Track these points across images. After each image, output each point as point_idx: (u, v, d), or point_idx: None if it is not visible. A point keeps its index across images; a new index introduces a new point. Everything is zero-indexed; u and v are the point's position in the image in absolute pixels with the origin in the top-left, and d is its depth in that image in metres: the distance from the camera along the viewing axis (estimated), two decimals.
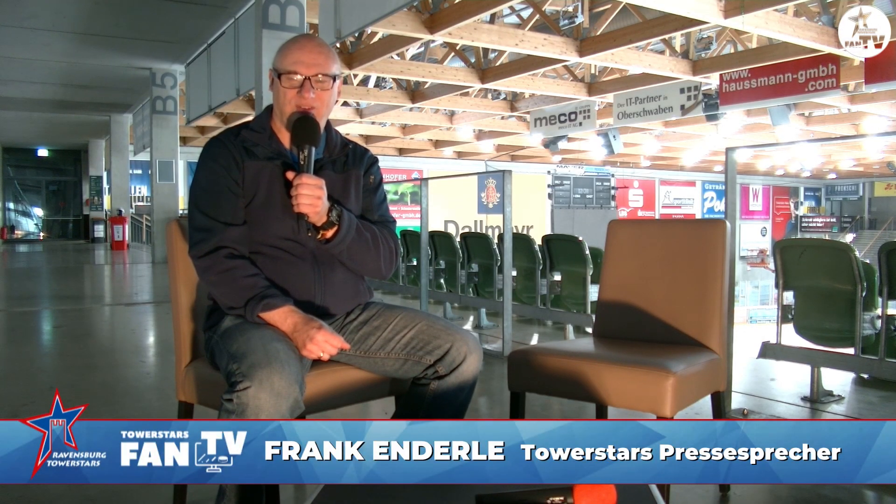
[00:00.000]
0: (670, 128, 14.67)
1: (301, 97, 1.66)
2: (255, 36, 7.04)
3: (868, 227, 29.06)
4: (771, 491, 2.19)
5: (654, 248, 2.24)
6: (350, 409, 1.78)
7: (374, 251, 1.73)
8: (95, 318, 6.11)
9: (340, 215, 1.65)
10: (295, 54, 1.67)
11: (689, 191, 28.04)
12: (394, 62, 9.48)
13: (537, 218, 22.59)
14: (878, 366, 3.36)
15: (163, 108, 11.99)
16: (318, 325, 1.57)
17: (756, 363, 3.94)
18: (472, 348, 1.68)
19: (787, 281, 3.75)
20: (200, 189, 1.68)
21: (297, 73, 1.66)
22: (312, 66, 1.66)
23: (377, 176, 1.83)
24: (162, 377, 3.74)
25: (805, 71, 8.48)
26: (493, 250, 5.93)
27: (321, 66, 1.67)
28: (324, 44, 1.72)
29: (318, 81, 1.67)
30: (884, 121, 12.67)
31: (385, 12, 5.58)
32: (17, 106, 14.72)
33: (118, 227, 16.40)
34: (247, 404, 1.38)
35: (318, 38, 1.76)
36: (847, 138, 15.71)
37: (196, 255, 1.64)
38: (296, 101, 1.66)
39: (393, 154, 20.76)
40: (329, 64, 1.68)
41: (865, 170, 25.44)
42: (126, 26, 9.30)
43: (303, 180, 1.60)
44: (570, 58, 8.34)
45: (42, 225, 24.01)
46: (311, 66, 1.66)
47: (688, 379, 1.80)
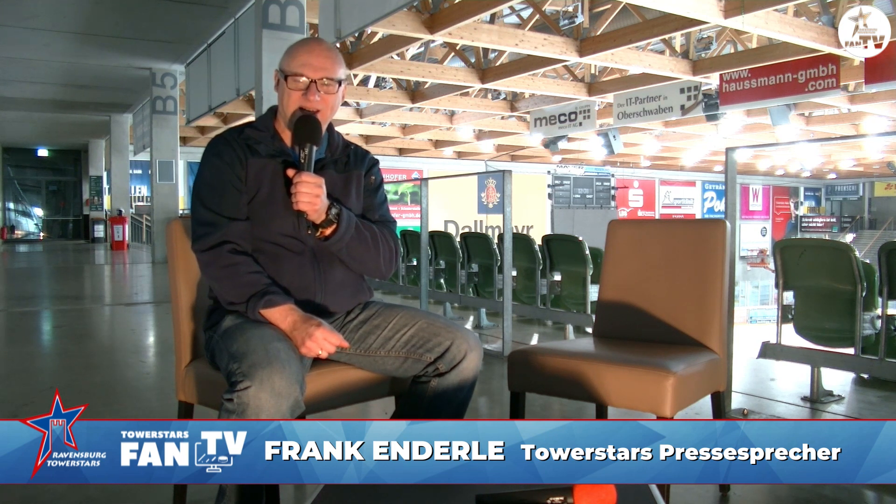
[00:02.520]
0: (670, 128, 14.67)
1: (306, 99, 1.67)
2: (255, 36, 7.04)
3: (868, 227, 29.06)
4: (771, 491, 2.19)
5: (654, 248, 2.24)
6: (350, 409, 1.78)
7: (374, 250, 1.74)
8: (95, 318, 6.11)
9: (339, 213, 1.66)
10: (303, 57, 1.68)
11: (689, 191, 28.04)
12: (394, 62, 9.48)
13: (537, 218, 22.60)
14: (878, 366, 3.36)
15: (163, 108, 11.99)
16: (318, 323, 1.57)
17: (756, 363, 3.93)
18: (472, 345, 1.68)
19: (787, 281, 3.75)
20: (204, 184, 1.69)
21: (304, 76, 1.67)
22: (319, 69, 1.67)
23: (378, 177, 1.84)
24: (162, 377, 3.74)
25: (805, 71, 8.48)
26: (493, 250, 5.93)
27: (328, 69, 1.68)
28: (332, 48, 1.74)
29: (323, 85, 1.68)
30: (884, 121, 12.67)
31: (385, 12, 5.58)
32: (17, 106, 14.72)
33: (118, 227, 16.40)
34: (247, 404, 1.38)
35: (326, 42, 1.77)
36: (847, 138, 15.72)
37: (200, 249, 1.65)
38: (300, 103, 1.68)
39: (393, 154, 20.75)
40: (336, 68, 1.70)
41: (865, 170, 25.45)
42: (126, 26, 9.30)
43: (302, 178, 1.61)
44: (570, 58, 8.34)
45: (42, 225, 24.00)
46: (319, 69, 1.67)
47: (688, 379, 1.80)
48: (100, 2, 8.31)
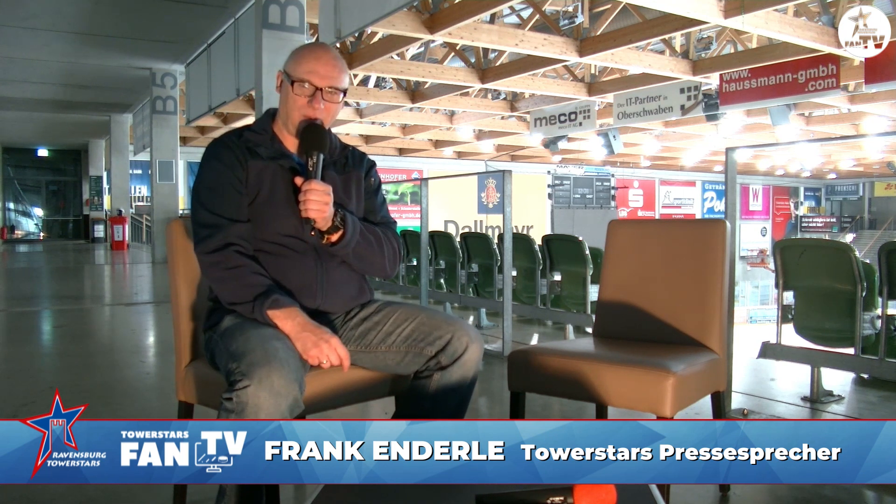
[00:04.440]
0: (670, 128, 14.67)
1: (311, 107, 1.68)
2: (255, 36, 7.04)
3: (868, 227, 29.07)
4: (771, 491, 2.19)
5: (654, 248, 2.24)
6: (350, 409, 1.78)
7: (379, 252, 1.76)
8: (95, 318, 6.11)
9: (344, 219, 1.67)
10: (310, 63, 1.68)
11: (689, 191, 28.04)
12: (394, 62, 9.48)
13: (537, 218, 22.59)
14: (878, 366, 3.36)
15: (163, 108, 12.00)
16: (332, 333, 1.59)
17: (756, 363, 3.93)
18: (473, 338, 1.69)
19: (787, 281, 3.75)
20: (205, 187, 1.69)
21: (310, 83, 1.68)
22: (326, 77, 1.68)
23: (376, 178, 1.86)
24: (162, 377, 3.74)
25: (805, 71, 8.48)
26: (493, 250, 5.93)
27: (334, 79, 1.69)
28: (339, 57, 1.75)
29: (328, 94, 1.69)
30: (884, 121, 12.67)
31: (385, 12, 5.58)
32: (17, 106, 14.72)
33: (118, 227, 16.40)
34: (246, 403, 1.38)
35: (334, 49, 1.78)
36: (847, 138, 15.72)
37: (203, 251, 1.65)
38: (304, 111, 1.69)
39: (393, 154, 20.75)
40: (342, 78, 1.71)
41: (865, 170, 25.44)
42: (126, 26, 9.30)
43: (312, 186, 1.62)
44: (570, 58, 8.34)
45: (42, 225, 24.00)
46: (325, 77, 1.68)
47: (688, 379, 1.80)
48: (100, 2, 8.31)
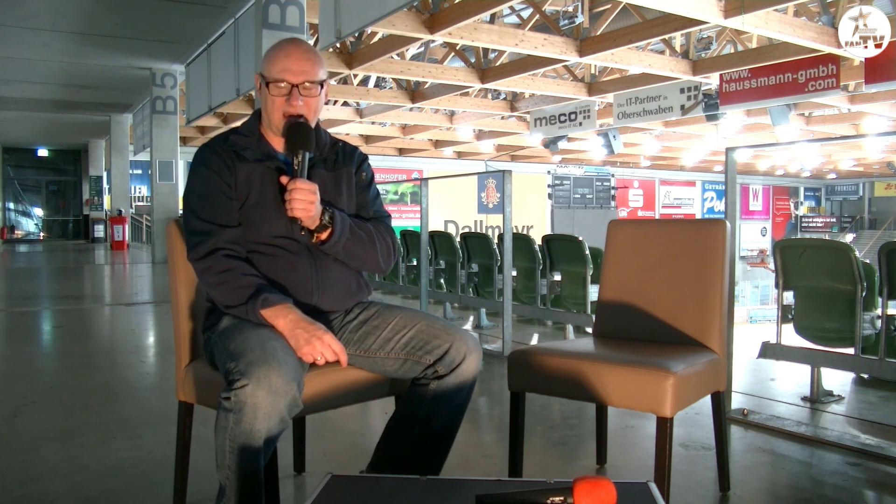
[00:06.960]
0: (670, 128, 14.68)
1: (289, 105, 1.67)
2: (255, 36, 7.04)
3: (868, 227, 29.09)
4: (771, 491, 2.19)
5: (654, 248, 2.24)
6: (350, 409, 1.78)
7: (371, 248, 1.75)
8: (95, 318, 6.11)
9: (333, 217, 1.66)
10: (282, 62, 1.67)
11: (689, 191, 28.05)
12: (394, 62, 9.48)
13: (537, 218, 22.60)
14: (878, 366, 3.35)
15: (163, 108, 12.00)
16: (326, 329, 1.58)
17: (756, 363, 3.93)
18: (471, 348, 1.68)
19: (787, 281, 3.75)
20: (194, 194, 1.69)
21: (285, 81, 1.67)
22: (300, 73, 1.67)
23: (368, 173, 1.85)
24: (162, 377, 3.74)
25: (805, 71, 8.48)
26: (493, 250, 5.93)
27: (308, 73, 1.68)
28: (310, 49, 1.73)
29: (305, 89, 1.68)
30: (884, 121, 12.68)
31: (385, 12, 5.58)
32: (17, 106, 14.73)
33: (118, 227, 16.40)
34: (244, 402, 1.38)
35: (304, 43, 1.76)
36: (847, 138, 15.72)
37: (194, 258, 1.65)
38: (284, 109, 1.68)
39: (393, 154, 20.76)
40: (316, 70, 1.69)
41: (865, 170, 25.46)
42: (126, 26, 9.30)
43: (297, 185, 1.61)
44: (570, 58, 8.34)
45: (42, 225, 24.01)
46: (299, 73, 1.67)
47: (688, 379, 1.80)
48: (100, 2, 8.31)
